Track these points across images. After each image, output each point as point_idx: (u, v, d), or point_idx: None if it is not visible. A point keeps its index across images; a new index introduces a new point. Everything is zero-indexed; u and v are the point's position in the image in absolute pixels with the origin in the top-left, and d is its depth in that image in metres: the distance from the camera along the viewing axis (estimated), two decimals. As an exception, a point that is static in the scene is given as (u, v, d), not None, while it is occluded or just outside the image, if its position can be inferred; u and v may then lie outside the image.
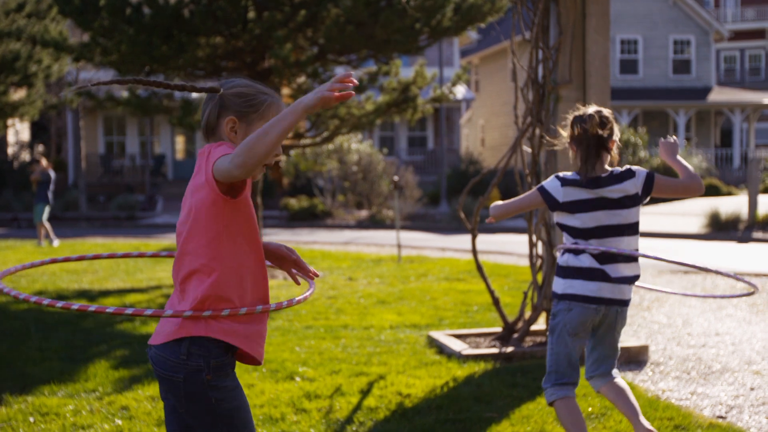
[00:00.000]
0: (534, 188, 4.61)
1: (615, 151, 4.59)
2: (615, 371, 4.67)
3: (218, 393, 2.88)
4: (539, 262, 7.75)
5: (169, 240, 20.00)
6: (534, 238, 7.69)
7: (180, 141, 38.42)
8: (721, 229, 20.28)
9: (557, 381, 4.52)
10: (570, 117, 4.66)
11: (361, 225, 25.38)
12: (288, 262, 3.23)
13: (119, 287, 11.61)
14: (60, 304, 2.68)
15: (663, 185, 4.59)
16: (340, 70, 14.60)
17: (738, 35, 55.47)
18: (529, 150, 7.83)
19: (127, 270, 13.55)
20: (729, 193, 29.87)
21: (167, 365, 2.87)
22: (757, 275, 12.77)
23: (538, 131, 7.65)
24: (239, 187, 2.84)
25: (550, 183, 4.54)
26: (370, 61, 13.56)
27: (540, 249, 7.75)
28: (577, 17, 7.51)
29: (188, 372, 2.85)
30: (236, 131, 2.96)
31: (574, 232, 4.49)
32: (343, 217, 26.81)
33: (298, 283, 3.28)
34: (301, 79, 13.20)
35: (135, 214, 28.33)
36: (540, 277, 7.74)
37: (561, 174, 4.58)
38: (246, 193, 2.89)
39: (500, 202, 4.60)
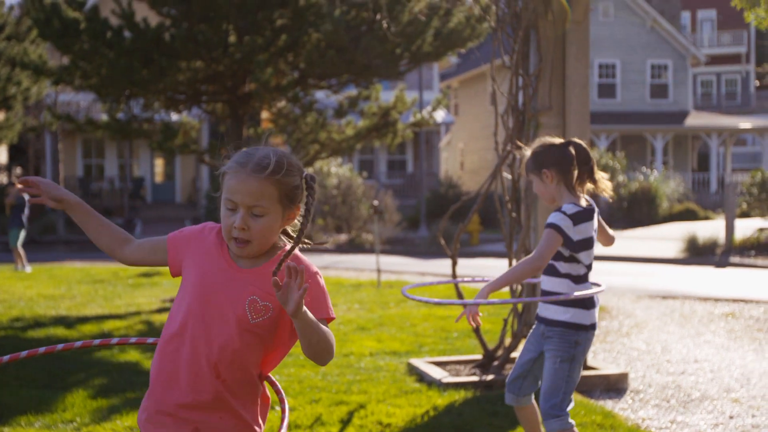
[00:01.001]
0: (552, 231, 4.53)
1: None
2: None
3: None
4: (519, 288, 7.75)
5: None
6: (514, 264, 7.68)
7: (159, 164, 38.32)
8: (698, 253, 20.38)
9: (567, 408, 4.55)
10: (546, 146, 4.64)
11: (341, 249, 25.33)
12: None
13: (97, 313, 11.51)
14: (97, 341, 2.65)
15: None
16: (320, 95, 14.63)
17: (714, 60, 56.08)
18: (510, 176, 7.85)
19: (105, 296, 13.44)
20: (706, 218, 30.05)
21: None
22: (734, 300, 12.82)
23: (518, 158, 7.67)
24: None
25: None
26: (350, 86, 13.59)
27: (520, 276, 7.74)
28: (557, 45, 7.55)
29: None
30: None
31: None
32: (322, 240, 26.69)
33: None
34: (282, 103, 13.20)
35: (113, 237, 28.14)
36: (520, 305, 7.73)
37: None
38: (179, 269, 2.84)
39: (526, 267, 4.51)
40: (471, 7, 12.18)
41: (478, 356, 8.00)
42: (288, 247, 2.68)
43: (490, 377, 7.24)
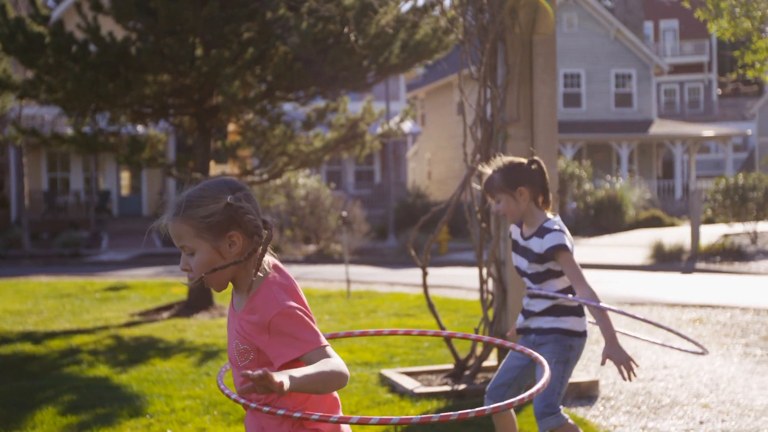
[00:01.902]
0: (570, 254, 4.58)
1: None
2: None
3: None
4: (490, 298, 7.80)
5: (113, 278, 19.75)
6: (485, 274, 7.74)
7: (125, 177, 38.08)
8: (664, 260, 20.57)
9: (560, 406, 4.64)
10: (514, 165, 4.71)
11: (310, 260, 25.30)
12: None
13: (65, 328, 11.42)
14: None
15: None
16: (288, 107, 14.62)
17: (677, 69, 56.70)
18: (479, 187, 7.89)
19: (72, 310, 13.33)
20: (672, 224, 30.34)
21: None
22: (701, 306, 12.95)
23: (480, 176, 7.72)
24: None
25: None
26: (318, 98, 13.60)
27: (491, 285, 7.79)
28: (524, 57, 7.62)
29: None
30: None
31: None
32: (291, 251, 26.69)
33: None
34: (249, 115, 13.18)
35: (79, 251, 27.93)
36: (491, 314, 7.77)
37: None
38: None
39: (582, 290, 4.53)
40: (438, 19, 12.24)
41: (450, 366, 8.03)
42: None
43: (462, 387, 7.26)
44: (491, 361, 7.99)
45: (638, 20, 44.37)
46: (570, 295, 4.57)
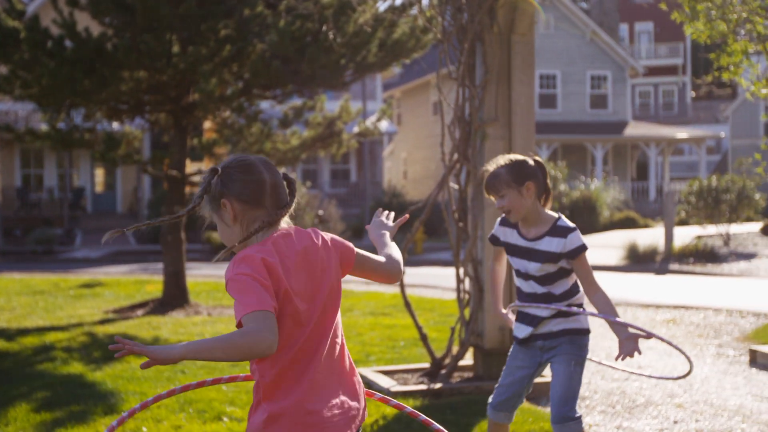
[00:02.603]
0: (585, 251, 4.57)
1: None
2: None
3: None
4: (466, 297, 7.81)
5: (86, 275, 19.63)
6: (462, 273, 7.76)
7: (100, 174, 37.85)
8: (639, 261, 20.70)
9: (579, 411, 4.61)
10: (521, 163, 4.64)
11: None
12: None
13: (38, 325, 11.33)
14: None
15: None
16: (265, 105, 14.58)
17: (652, 71, 57.07)
18: (456, 186, 7.91)
19: (45, 307, 13.24)
20: (646, 225, 30.52)
21: None
22: (675, 307, 13.04)
23: (465, 168, 7.74)
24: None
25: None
26: (295, 96, 13.57)
27: (467, 285, 7.81)
28: (502, 57, 7.64)
29: None
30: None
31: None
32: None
33: None
34: (226, 113, 13.13)
35: (53, 248, 27.73)
36: (467, 313, 7.79)
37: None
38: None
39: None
40: (416, 18, 12.25)
41: (426, 365, 8.04)
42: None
43: (438, 386, 7.28)
44: (467, 360, 8.00)
45: (614, 22, 44.60)
46: (579, 308, 4.50)
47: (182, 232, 12.89)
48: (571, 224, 4.55)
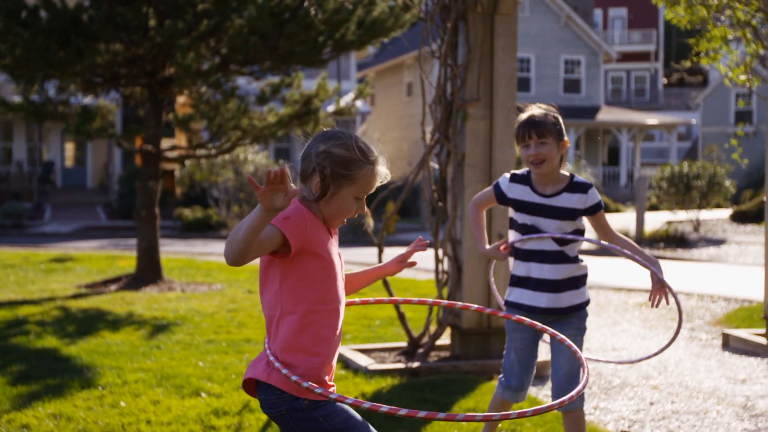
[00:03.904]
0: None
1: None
2: None
3: (322, 410, 3.04)
4: (445, 277, 7.81)
5: (57, 249, 19.46)
6: (441, 253, 7.75)
7: (70, 148, 37.47)
8: (610, 245, 20.79)
9: None
10: (554, 118, 4.60)
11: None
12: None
13: (10, 299, 11.22)
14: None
15: None
16: (241, 81, 14.46)
17: (625, 57, 57.25)
18: (437, 166, 7.90)
19: (17, 281, 13.11)
20: (617, 210, 30.72)
21: (270, 404, 3.08)
22: (647, 291, 13.12)
23: (445, 148, 7.73)
24: (285, 249, 2.99)
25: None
26: (271, 74, 13.47)
27: (446, 265, 7.81)
28: (485, 37, 7.62)
29: (288, 403, 3.05)
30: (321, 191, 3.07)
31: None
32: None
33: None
34: (202, 89, 13.02)
35: (22, 222, 27.45)
36: (445, 292, 7.80)
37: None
38: (306, 250, 3.03)
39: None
40: (396, -4, 12.19)
41: (403, 344, 8.05)
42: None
43: (416, 364, 7.28)
44: (444, 339, 8.02)
45: (588, 7, 44.70)
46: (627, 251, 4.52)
47: (157, 207, 12.79)
48: (588, 181, 4.57)
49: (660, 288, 4.39)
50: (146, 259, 12.75)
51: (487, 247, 4.60)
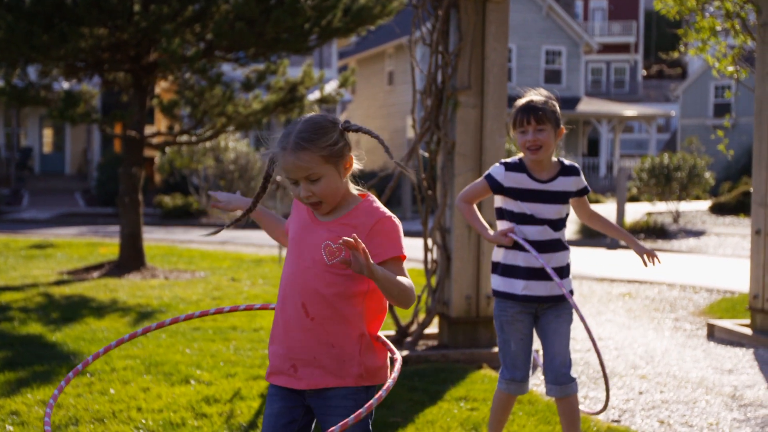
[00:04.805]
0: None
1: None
2: None
3: None
4: (433, 268, 7.79)
5: (36, 236, 19.31)
6: (430, 242, 7.74)
7: (48, 134, 37.15)
8: (591, 236, 20.89)
9: None
10: (552, 105, 4.58)
11: (238, 224, 25.04)
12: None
13: (-9, 285, 11.12)
14: None
15: None
16: (226, 68, 14.37)
17: (605, 48, 57.37)
18: (426, 155, 7.87)
19: (-3, 267, 13.00)
20: (597, 201, 30.79)
21: None
22: (630, 281, 13.18)
23: (435, 136, 7.70)
24: None
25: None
26: (256, 61, 13.38)
27: (435, 253, 7.79)
28: (477, 24, 7.59)
29: None
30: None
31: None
32: (218, 216, 26.43)
33: None
34: (187, 74, 12.92)
35: (0, 208, 27.25)
36: (434, 281, 7.78)
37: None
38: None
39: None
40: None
41: (391, 332, 8.02)
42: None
43: (405, 353, 7.26)
44: (433, 328, 8.00)
45: (569, -2, 44.74)
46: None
47: (140, 194, 12.70)
48: (580, 169, 4.66)
49: (647, 252, 4.56)
50: (129, 246, 12.67)
51: (491, 233, 4.57)
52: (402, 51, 37.09)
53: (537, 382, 6.81)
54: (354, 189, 3.15)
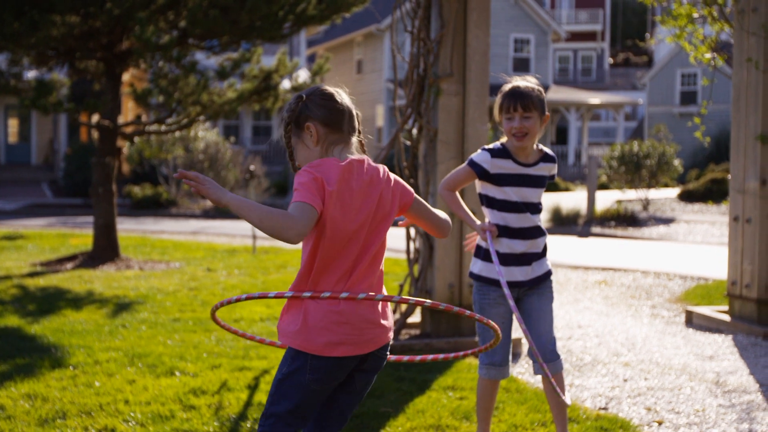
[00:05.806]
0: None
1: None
2: None
3: None
4: (416, 255, 7.77)
5: (5, 227, 19.07)
6: (412, 232, 7.71)
7: (13, 124, 36.69)
8: (562, 224, 20.98)
9: None
10: (539, 93, 4.58)
11: (207, 214, 24.94)
12: None
13: (-37, 277, 10.96)
14: None
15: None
16: (199, 56, 14.23)
17: (572, 36, 57.59)
18: (408, 143, 7.84)
19: (-32, 259, 12.81)
20: (567, 189, 30.96)
21: None
22: (604, 269, 13.24)
23: (417, 124, 7.67)
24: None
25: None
26: (231, 49, 13.27)
27: (418, 243, 7.77)
28: (458, 11, 7.56)
29: None
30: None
31: None
32: (188, 206, 26.27)
33: None
34: (160, 63, 12.78)
35: (-35, 199, 26.91)
36: (416, 270, 7.76)
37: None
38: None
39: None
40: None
41: (373, 322, 7.99)
42: None
43: (389, 342, 7.23)
44: (416, 317, 7.99)
45: (537, -14, 44.83)
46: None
47: (113, 183, 12.56)
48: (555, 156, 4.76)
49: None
50: (103, 236, 12.54)
51: (478, 222, 4.57)
52: (371, 39, 36.98)
53: (521, 371, 6.82)
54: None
